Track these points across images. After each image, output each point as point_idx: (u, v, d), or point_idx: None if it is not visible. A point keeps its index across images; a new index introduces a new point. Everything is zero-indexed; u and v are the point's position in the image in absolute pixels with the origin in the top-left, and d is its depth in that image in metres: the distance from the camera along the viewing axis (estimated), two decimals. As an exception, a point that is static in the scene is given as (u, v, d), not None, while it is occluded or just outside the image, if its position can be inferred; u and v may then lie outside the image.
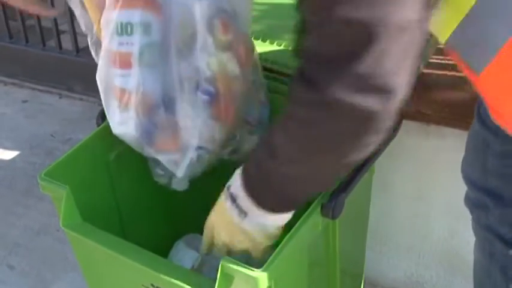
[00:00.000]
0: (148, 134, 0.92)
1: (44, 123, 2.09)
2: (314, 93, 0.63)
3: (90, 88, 2.15)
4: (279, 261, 0.79)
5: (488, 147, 0.76)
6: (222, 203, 0.82)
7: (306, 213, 0.86)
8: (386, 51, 0.59)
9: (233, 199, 0.80)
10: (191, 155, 0.93)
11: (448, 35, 0.67)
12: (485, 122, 0.77)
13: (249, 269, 0.76)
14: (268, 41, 1.22)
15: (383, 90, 0.61)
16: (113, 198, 1.04)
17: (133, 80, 0.89)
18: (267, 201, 0.77)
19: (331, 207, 0.87)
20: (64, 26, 2.21)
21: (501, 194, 0.78)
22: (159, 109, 0.91)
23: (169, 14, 0.89)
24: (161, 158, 0.95)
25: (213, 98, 0.91)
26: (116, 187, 1.03)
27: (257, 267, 0.77)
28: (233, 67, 0.93)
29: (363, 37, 0.58)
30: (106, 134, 0.99)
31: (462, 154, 1.19)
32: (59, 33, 2.21)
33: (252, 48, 0.99)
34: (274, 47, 1.21)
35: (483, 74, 0.66)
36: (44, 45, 2.26)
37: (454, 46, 0.68)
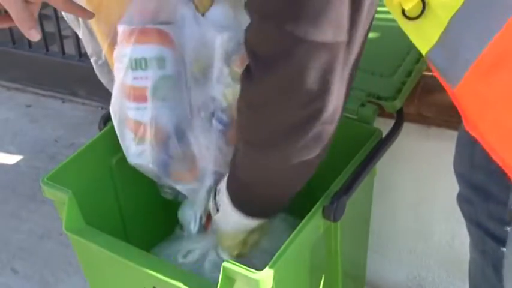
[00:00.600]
0: (165, 165, 0.92)
1: (48, 128, 2.10)
2: (252, 84, 0.68)
3: (93, 93, 2.19)
4: (280, 263, 0.80)
5: (475, 143, 0.76)
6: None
7: (308, 216, 0.86)
8: (304, 66, 0.64)
9: (214, 195, 0.88)
10: (209, 182, 0.94)
11: (428, 49, 0.68)
12: None
13: (250, 271, 0.77)
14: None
15: (309, 104, 0.67)
16: (116, 201, 1.05)
17: (149, 113, 0.90)
18: (240, 202, 0.84)
19: (332, 210, 0.87)
20: (67, 31, 2.21)
21: (488, 189, 0.79)
22: (174, 140, 0.92)
23: (185, 46, 0.90)
24: (179, 187, 0.96)
25: (228, 127, 0.92)
26: (118, 191, 1.04)
27: (259, 270, 0.77)
28: None
29: (285, 48, 0.63)
30: (108, 139, 1.00)
31: (463, 157, 1.20)
32: (62, 38, 2.22)
33: None
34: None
35: (458, 88, 0.67)
36: (47, 50, 2.27)
37: (432, 60, 0.69)
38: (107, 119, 1.01)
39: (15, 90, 2.32)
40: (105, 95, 2.38)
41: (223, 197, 0.86)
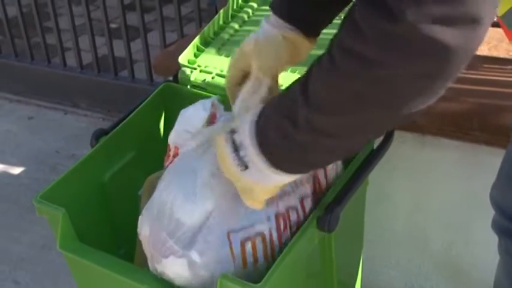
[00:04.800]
0: None
1: (49, 139, 2.12)
2: (387, 22, 0.53)
3: (95, 104, 2.22)
4: (276, 276, 0.80)
5: None
6: (222, 145, 0.74)
7: (302, 227, 0.87)
8: None
9: (235, 147, 0.72)
10: None
11: (505, 11, 0.67)
12: None
13: (247, 285, 0.77)
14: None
15: (469, 19, 0.53)
16: (109, 218, 1.05)
17: None
18: (282, 163, 0.70)
19: (326, 221, 0.88)
20: (69, 43, 2.24)
21: None
22: None
23: None
24: None
25: None
26: (111, 207, 1.04)
27: (255, 283, 0.77)
28: None
29: None
30: (100, 155, 1.00)
31: (459, 165, 1.21)
32: (63, 50, 2.25)
33: None
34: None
35: None
36: (49, 62, 2.30)
37: (506, 20, 0.68)
38: (99, 135, 1.02)
39: (18, 102, 2.34)
40: (106, 107, 2.41)
41: (254, 158, 0.71)
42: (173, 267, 0.81)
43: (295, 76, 1.05)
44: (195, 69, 1.12)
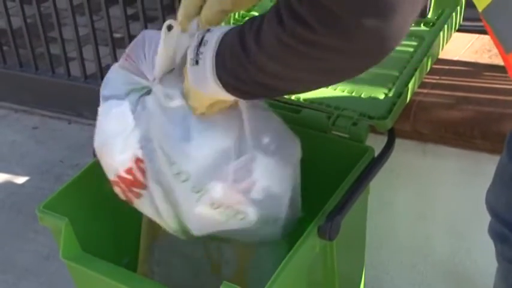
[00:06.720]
0: None
1: (54, 149, 2.13)
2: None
3: (99, 113, 2.22)
4: (278, 284, 0.80)
5: None
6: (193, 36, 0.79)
7: (303, 236, 0.87)
8: None
9: (200, 43, 0.77)
10: None
11: (486, 5, 0.64)
12: None
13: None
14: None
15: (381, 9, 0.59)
16: (112, 227, 1.05)
17: None
18: (227, 81, 0.75)
19: (327, 229, 0.88)
20: (73, 53, 2.25)
21: None
22: None
23: None
24: None
25: None
26: (114, 217, 1.05)
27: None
28: None
29: None
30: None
31: (460, 173, 1.21)
32: (67, 60, 2.26)
33: None
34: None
35: None
36: (53, 72, 2.31)
37: (487, 18, 0.66)
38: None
39: (23, 112, 2.35)
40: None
41: (208, 58, 0.75)
42: None
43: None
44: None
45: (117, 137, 0.87)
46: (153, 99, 0.86)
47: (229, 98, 0.78)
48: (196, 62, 0.77)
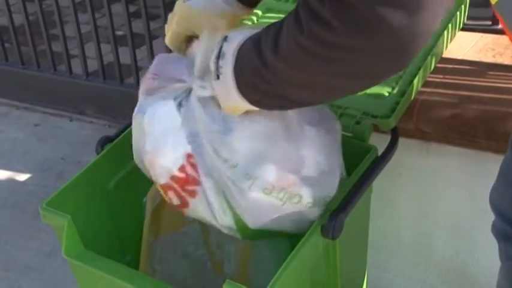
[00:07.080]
0: None
1: (55, 147, 2.13)
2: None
3: (101, 111, 2.22)
4: (281, 282, 0.80)
5: None
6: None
7: (307, 235, 0.87)
8: None
9: (219, 55, 0.76)
10: None
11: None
12: None
13: (251, 293, 0.77)
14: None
15: (412, 2, 0.57)
16: (114, 225, 1.05)
17: None
18: (250, 96, 0.75)
19: (331, 228, 0.88)
20: (74, 51, 2.25)
21: None
22: None
23: None
24: None
25: None
26: (116, 214, 1.05)
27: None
28: None
29: None
30: (106, 162, 1.01)
31: (463, 172, 1.20)
32: (69, 57, 2.26)
33: None
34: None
35: None
36: (55, 69, 2.31)
37: (501, 11, 0.66)
38: (104, 142, 1.02)
39: (24, 109, 2.36)
40: (111, 114, 2.41)
41: (228, 74, 0.75)
42: None
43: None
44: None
45: (168, 136, 0.87)
46: (193, 94, 0.87)
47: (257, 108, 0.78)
48: (218, 77, 0.77)
